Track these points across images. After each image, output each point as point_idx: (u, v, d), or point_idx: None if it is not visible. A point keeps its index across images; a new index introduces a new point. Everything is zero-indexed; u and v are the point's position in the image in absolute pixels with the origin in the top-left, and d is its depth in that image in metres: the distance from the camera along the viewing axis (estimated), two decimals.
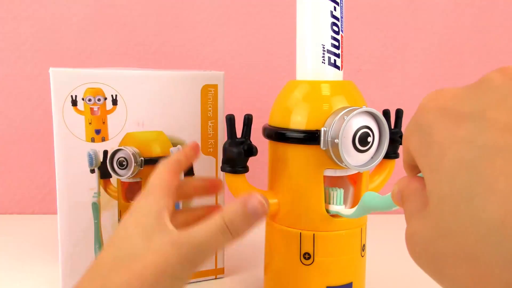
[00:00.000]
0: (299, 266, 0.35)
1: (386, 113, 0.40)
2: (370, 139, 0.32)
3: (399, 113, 0.41)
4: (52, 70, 0.38)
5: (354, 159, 0.32)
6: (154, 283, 0.26)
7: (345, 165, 0.32)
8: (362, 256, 0.36)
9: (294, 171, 0.34)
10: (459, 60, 0.67)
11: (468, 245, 0.14)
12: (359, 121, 0.32)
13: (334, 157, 0.32)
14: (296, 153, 0.34)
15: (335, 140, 0.31)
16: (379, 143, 0.33)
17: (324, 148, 0.32)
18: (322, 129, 0.32)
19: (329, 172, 0.34)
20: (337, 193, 0.34)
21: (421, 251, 0.17)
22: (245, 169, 0.36)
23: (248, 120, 0.35)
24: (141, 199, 0.31)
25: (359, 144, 0.32)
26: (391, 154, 0.41)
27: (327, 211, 0.34)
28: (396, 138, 0.40)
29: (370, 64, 0.67)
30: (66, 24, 0.62)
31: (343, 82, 0.35)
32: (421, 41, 0.66)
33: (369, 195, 0.30)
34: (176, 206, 0.43)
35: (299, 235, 0.35)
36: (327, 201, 0.34)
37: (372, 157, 0.33)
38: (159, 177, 0.32)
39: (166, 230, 0.28)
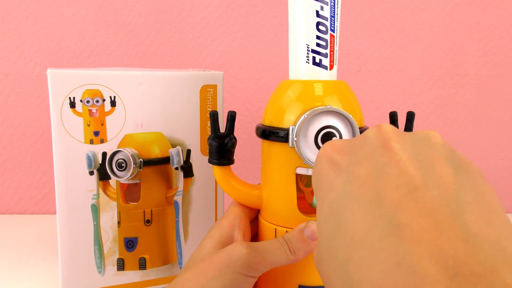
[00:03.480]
0: None
1: (392, 115, 0.39)
2: (335, 139, 0.32)
3: (410, 116, 0.39)
4: (50, 71, 0.38)
5: None
6: (217, 275, 0.31)
7: (307, 164, 0.32)
8: None
9: (271, 168, 0.35)
10: (459, 60, 0.67)
11: (330, 276, 0.19)
12: (323, 121, 0.32)
13: (299, 155, 0.33)
14: (273, 150, 0.35)
15: (295, 138, 0.32)
16: None
17: (291, 146, 0.33)
18: (290, 127, 0.33)
19: (302, 171, 0.34)
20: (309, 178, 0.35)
21: (317, 268, 0.21)
22: (230, 162, 0.37)
23: (231, 117, 0.36)
24: (215, 223, 0.37)
25: (322, 143, 0.32)
26: None
27: (300, 190, 0.36)
28: None
29: (370, 64, 0.66)
30: (66, 24, 0.62)
31: (331, 82, 0.35)
32: (421, 41, 0.66)
33: None
34: (176, 207, 0.44)
35: (275, 230, 0.35)
36: (301, 180, 0.36)
37: None
38: (231, 207, 0.38)
39: (236, 240, 0.34)
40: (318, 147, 0.32)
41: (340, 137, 0.33)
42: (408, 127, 0.39)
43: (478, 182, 0.18)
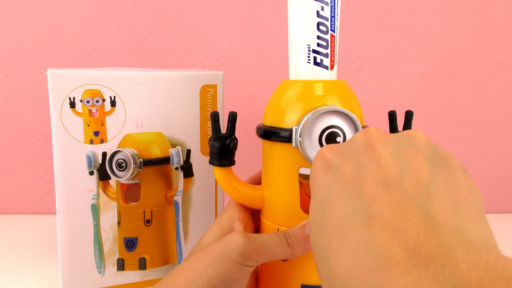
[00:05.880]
0: (276, 261, 0.35)
1: (391, 115, 0.39)
2: (339, 139, 0.32)
3: (408, 115, 0.39)
4: (50, 72, 0.38)
5: None
6: (212, 263, 0.31)
7: (311, 164, 0.32)
8: None
9: (273, 168, 0.35)
10: (459, 60, 0.67)
11: (317, 265, 0.21)
12: (328, 121, 0.32)
13: (303, 155, 0.32)
14: (275, 150, 0.35)
15: (299, 139, 0.32)
16: None
17: (295, 147, 0.33)
18: (294, 128, 0.32)
19: (305, 171, 0.34)
20: None
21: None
22: (231, 162, 0.37)
23: (232, 117, 0.36)
24: (216, 218, 0.37)
25: (326, 143, 0.32)
26: None
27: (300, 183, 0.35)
28: None
29: (370, 64, 0.66)
30: (66, 24, 0.62)
31: (331, 82, 0.35)
32: (421, 41, 0.66)
33: None
34: (176, 207, 0.44)
35: (277, 230, 0.35)
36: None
37: None
38: (231, 201, 0.38)
39: (236, 231, 0.35)
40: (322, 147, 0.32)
41: (344, 136, 0.33)
42: (407, 126, 0.39)
43: (454, 176, 0.20)
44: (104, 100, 0.40)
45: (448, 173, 0.20)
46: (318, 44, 0.34)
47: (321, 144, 0.32)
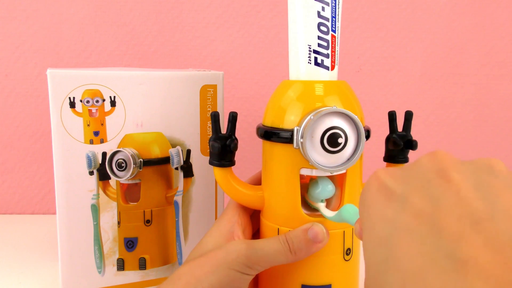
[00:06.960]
0: None
1: (391, 115, 0.39)
2: (341, 140, 0.32)
3: (408, 115, 0.39)
4: (50, 72, 0.38)
5: (325, 160, 0.32)
6: (214, 270, 0.31)
7: (313, 165, 0.32)
8: (347, 260, 0.36)
9: (274, 169, 0.35)
10: (459, 60, 0.67)
11: None
12: (329, 122, 0.32)
13: (304, 156, 0.32)
14: (276, 151, 0.35)
15: (300, 140, 0.32)
16: (356, 145, 0.33)
17: (296, 147, 0.32)
18: (295, 128, 0.32)
19: (306, 172, 0.34)
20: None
21: None
22: (231, 163, 0.36)
23: (232, 118, 0.36)
24: (215, 221, 0.37)
25: (328, 144, 0.32)
26: (400, 158, 0.39)
27: (309, 204, 0.35)
28: (398, 142, 0.38)
29: (370, 64, 0.66)
30: (66, 24, 0.62)
31: (332, 82, 0.35)
32: (421, 41, 0.66)
33: (347, 209, 0.30)
34: (176, 207, 0.44)
35: (277, 230, 0.35)
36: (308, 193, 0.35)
37: (348, 159, 0.33)
38: (230, 203, 0.38)
39: (237, 238, 0.35)
40: (324, 148, 0.32)
41: (346, 137, 0.32)
42: (407, 126, 0.39)
43: None
44: (104, 100, 0.40)
45: None
46: (319, 45, 0.34)
47: (322, 145, 0.32)
